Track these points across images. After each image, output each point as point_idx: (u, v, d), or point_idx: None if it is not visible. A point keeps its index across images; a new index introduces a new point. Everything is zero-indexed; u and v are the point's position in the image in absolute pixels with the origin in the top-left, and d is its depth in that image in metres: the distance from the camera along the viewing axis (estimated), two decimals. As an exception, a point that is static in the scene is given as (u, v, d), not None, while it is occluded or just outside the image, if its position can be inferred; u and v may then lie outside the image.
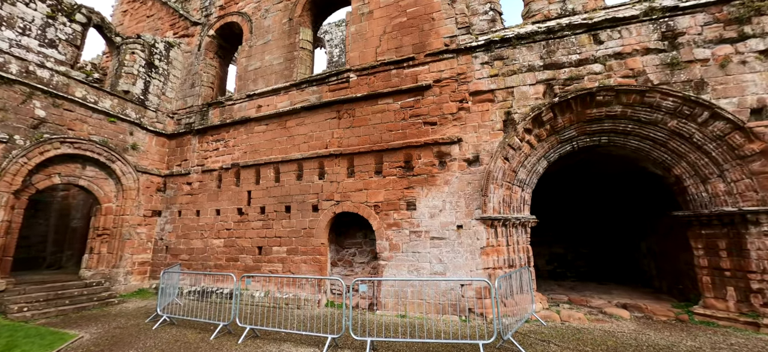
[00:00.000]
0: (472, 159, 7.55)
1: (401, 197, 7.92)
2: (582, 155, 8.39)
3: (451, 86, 8.16)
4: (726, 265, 6.17)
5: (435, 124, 8.07)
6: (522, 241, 7.43)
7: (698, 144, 6.41)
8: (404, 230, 7.69)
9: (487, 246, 7.01)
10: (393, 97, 8.68)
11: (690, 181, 6.65)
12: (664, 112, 6.56)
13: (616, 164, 8.40)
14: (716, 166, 6.30)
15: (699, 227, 6.59)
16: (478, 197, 7.24)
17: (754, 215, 5.80)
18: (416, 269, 7.38)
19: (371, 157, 8.49)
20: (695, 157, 6.49)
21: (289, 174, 9.46)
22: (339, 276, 8.73)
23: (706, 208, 6.44)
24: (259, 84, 10.97)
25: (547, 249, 11.81)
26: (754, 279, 5.83)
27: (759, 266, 5.79)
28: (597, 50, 7.21)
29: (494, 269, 6.93)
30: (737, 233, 6.07)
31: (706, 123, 6.27)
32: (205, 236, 10.32)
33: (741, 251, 6.01)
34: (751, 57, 6.26)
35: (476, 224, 7.15)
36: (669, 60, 6.68)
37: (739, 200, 6.03)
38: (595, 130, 7.21)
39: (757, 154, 5.85)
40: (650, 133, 6.82)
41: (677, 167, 6.77)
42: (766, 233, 5.75)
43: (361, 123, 8.88)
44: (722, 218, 6.19)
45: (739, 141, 5.99)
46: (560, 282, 10.81)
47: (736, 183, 6.08)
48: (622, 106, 6.81)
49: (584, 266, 11.42)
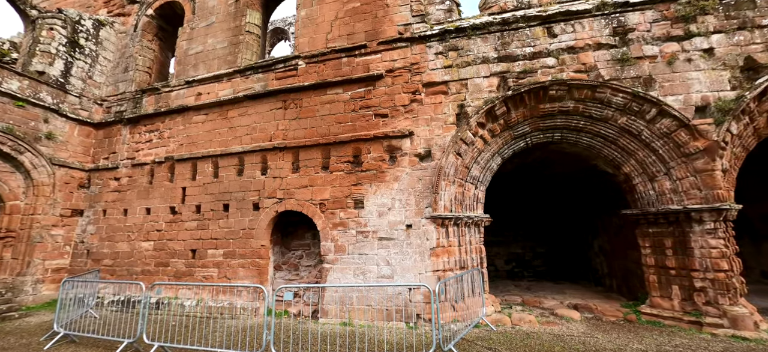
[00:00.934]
0: (424, 154, 7.08)
1: (348, 194, 7.30)
2: (537, 153, 8.20)
3: (404, 77, 7.66)
4: (671, 263, 6.11)
5: (386, 116, 7.53)
6: (475, 241, 7.06)
7: (646, 141, 6.31)
8: (351, 230, 7.07)
9: (437, 247, 6.55)
10: (343, 87, 8.05)
11: (638, 179, 6.55)
12: (615, 109, 6.42)
13: (571, 163, 8.28)
14: (663, 164, 6.22)
15: (646, 225, 6.51)
16: (429, 194, 6.77)
17: (698, 213, 5.74)
18: (363, 272, 6.79)
19: (318, 151, 7.81)
20: (643, 154, 6.40)
21: (228, 169, 8.55)
22: (282, 281, 7.96)
23: (653, 206, 6.36)
24: (200, 70, 9.93)
25: (506, 249, 11.68)
26: (697, 277, 5.78)
27: (702, 264, 5.74)
28: (551, 44, 6.99)
29: (444, 270, 6.49)
30: (682, 232, 6.01)
31: (653, 120, 6.18)
32: (133, 238, 9.14)
33: (685, 250, 5.95)
34: (696, 55, 6.26)
35: (426, 224, 6.68)
36: (620, 56, 6.56)
37: (684, 198, 5.97)
38: (549, 126, 6.98)
39: (700, 152, 5.81)
40: (601, 130, 6.67)
41: (626, 165, 6.66)
42: (709, 232, 5.71)
43: (308, 114, 8.17)
44: (668, 216, 6.12)
45: (684, 138, 5.93)
46: (517, 282, 10.67)
47: (681, 181, 6.02)
48: (574, 101, 6.61)
49: (541, 265, 11.38)
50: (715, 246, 5.63)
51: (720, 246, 5.62)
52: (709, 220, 5.69)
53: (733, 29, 6.23)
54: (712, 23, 6.33)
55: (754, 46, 6.09)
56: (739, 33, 6.19)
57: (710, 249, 5.67)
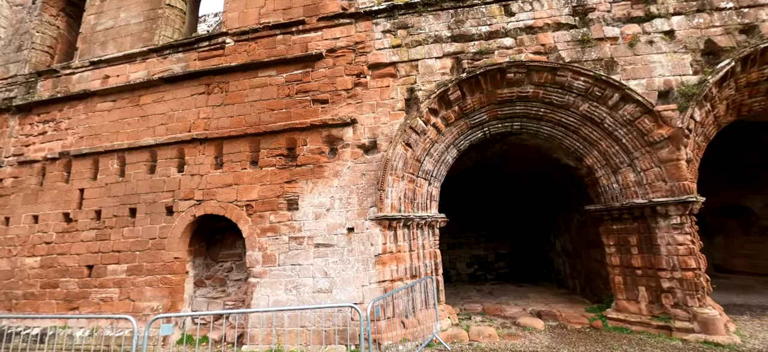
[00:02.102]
0: (369, 145, 6.10)
1: (281, 193, 6.13)
2: (497, 146, 7.53)
3: (347, 57, 6.66)
4: (637, 263, 5.58)
5: (326, 102, 6.48)
6: (428, 244, 6.17)
7: (609, 130, 5.77)
8: (283, 236, 5.91)
9: (383, 253, 5.57)
10: (277, 69, 6.89)
11: (601, 171, 6.01)
12: (576, 94, 5.83)
13: (532, 157, 7.68)
14: (627, 154, 5.71)
15: (610, 221, 5.97)
16: (374, 192, 5.79)
17: (663, 206, 5.23)
18: (296, 286, 5.65)
19: (246, 143, 6.57)
20: (606, 145, 5.86)
21: (138, 165, 7.05)
22: (204, 300, 6.60)
23: (617, 201, 5.83)
24: (109, 49, 8.30)
25: (468, 251, 11.01)
26: (664, 277, 5.27)
27: (669, 262, 5.24)
28: (508, 23, 6.32)
29: (392, 281, 5.52)
30: (647, 228, 5.50)
31: (616, 106, 5.64)
32: (15, 254, 7.31)
33: (652, 247, 5.44)
34: (657, 37, 5.83)
35: (371, 226, 5.68)
36: (580, 37, 6.01)
37: (649, 190, 5.46)
38: (508, 114, 6.28)
39: (665, 140, 5.33)
40: (562, 118, 6.07)
41: (589, 156, 6.10)
42: (676, 227, 5.22)
43: (235, 100, 6.91)
44: (633, 211, 5.59)
45: (648, 126, 5.43)
46: (479, 286, 9.98)
47: (645, 172, 5.51)
48: (533, 86, 5.95)
49: (504, 267, 10.83)
50: (682, 242, 5.14)
51: (687, 242, 5.14)
52: (675, 214, 5.20)
53: (692, 11, 5.88)
54: (671, 4, 5.95)
55: (713, 29, 5.76)
56: (699, 15, 5.84)
57: (677, 246, 5.17)
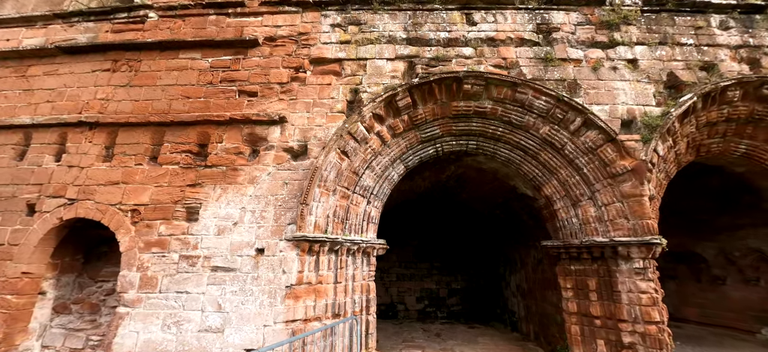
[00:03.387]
0: (298, 149, 5.08)
1: (180, 198, 4.87)
2: (452, 168, 6.78)
3: (288, 48, 5.72)
4: (596, 311, 4.85)
5: (254, 95, 5.43)
6: (361, 276, 5.11)
7: (570, 157, 5.18)
8: (172, 253, 4.60)
9: (298, 284, 4.43)
10: (203, 51, 5.80)
11: (560, 203, 5.37)
12: (536, 115, 5.23)
13: (490, 183, 7.01)
14: (588, 186, 5.11)
15: (568, 261, 5.28)
16: (297, 205, 4.71)
17: (626, 247, 4.60)
18: (177, 321, 4.31)
19: (147, 133, 5.30)
20: (566, 173, 5.25)
21: (4, 150, 5.50)
22: (61, 331, 5.02)
23: (576, 237, 5.16)
24: (6, 7, 6.81)
25: (419, 284, 10.02)
26: (625, 330, 4.55)
27: (631, 312, 4.55)
28: (469, 32, 5.72)
29: (306, 320, 4.36)
30: (608, 271, 4.84)
31: (578, 132, 5.08)
32: None
33: (612, 294, 4.75)
34: (620, 64, 5.46)
35: (287, 248, 4.55)
36: (543, 54, 5.51)
37: (610, 228, 4.84)
38: (463, 130, 5.56)
39: (628, 173, 4.78)
40: (521, 140, 5.43)
41: (548, 186, 5.47)
42: (638, 271, 4.58)
43: (145, 81, 5.67)
44: (592, 250, 4.93)
45: (610, 155, 4.88)
46: (428, 325, 8.96)
47: (607, 207, 4.91)
48: (492, 101, 5.30)
49: (457, 303, 9.92)
50: (645, 290, 4.49)
51: (650, 290, 4.49)
52: (638, 256, 4.57)
53: (655, 43, 5.61)
54: (635, 34, 5.66)
55: (675, 63, 5.49)
56: (661, 47, 5.58)
57: (639, 294, 4.51)
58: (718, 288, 8.21)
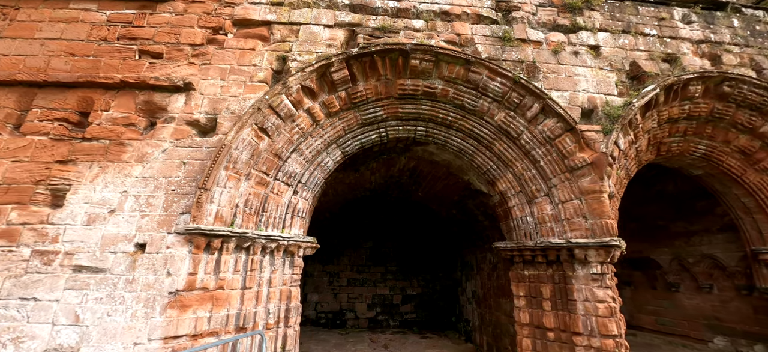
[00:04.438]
0: (205, 124, 4.15)
1: (44, 177, 3.78)
2: (403, 161, 6.06)
3: (207, 6, 4.78)
4: (550, 322, 4.27)
5: (160, 57, 4.44)
6: (280, 280, 4.22)
7: (526, 148, 4.61)
8: (22, 247, 3.51)
9: (188, 289, 3.48)
10: (100, 2, 4.73)
11: (515, 200, 4.78)
12: (492, 99, 4.62)
13: (444, 178, 6.37)
14: (544, 180, 4.56)
15: (522, 265, 4.69)
16: (195, 190, 3.77)
17: (583, 249, 4.06)
18: (16, 339, 3.22)
19: (11, 96, 4.15)
20: (522, 166, 4.68)
21: None
22: None
23: (530, 239, 4.59)
24: None
25: (372, 290, 9.23)
26: (580, 344, 3.99)
27: (586, 324, 3.99)
28: (421, 3, 5.05)
29: (195, 336, 3.42)
30: (564, 276, 4.28)
31: (535, 119, 4.52)
32: None
33: (567, 303, 4.19)
34: (582, 50, 4.99)
35: (176, 244, 3.60)
36: (501, 33, 4.94)
37: (567, 228, 4.29)
38: (411, 113, 4.85)
39: (587, 166, 4.26)
40: (475, 128, 4.80)
41: (502, 180, 4.87)
42: (595, 277, 4.05)
43: (21, 33, 4.51)
44: (548, 253, 4.36)
45: (569, 147, 4.35)
46: (377, 334, 8.18)
47: (564, 205, 4.37)
48: (443, 82, 4.63)
49: (411, 311, 9.21)
50: (603, 299, 3.96)
51: (607, 299, 3.96)
52: (596, 260, 4.04)
53: (618, 31, 5.22)
54: (598, 20, 5.24)
55: (638, 53, 5.11)
56: (624, 36, 5.19)
57: (596, 303, 3.97)
58: (673, 295, 8.06)
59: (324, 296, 8.94)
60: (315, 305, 8.87)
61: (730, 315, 6.90)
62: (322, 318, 8.77)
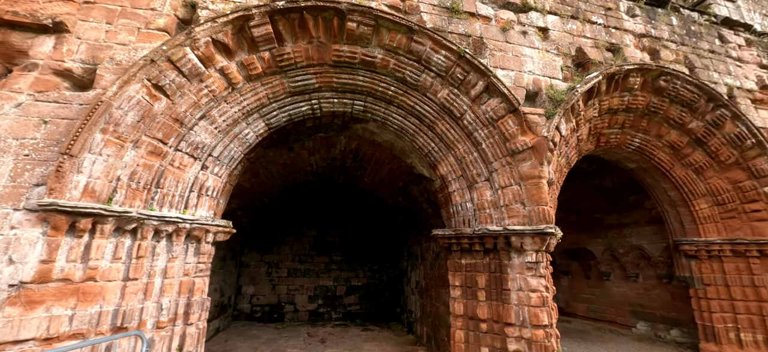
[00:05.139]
0: (80, 75, 3.32)
1: None
2: (343, 141, 5.55)
3: (96, -68, 3.83)
4: (483, 313, 4.05)
5: (24, -13, 3.47)
6: (179, 270, 3.55)
7: (469, 129, 4.31)
8: None
9: (39, 280, 2.72)
10: None
11: (456, 185, 4.49)
12: (435, 74, 4.24)
13: (388, 162, 5.96)
14: (486, 164, 4.30)
15: (460, 253, 4.43)
16: (57, 156, 2.97)
17: (519, 237, 3.86)
18: None
19: None
20: (464, 149, 4.38)
21: None
22: None
23: (469, 226, 4.33)
24: None
25: (315, 281, 8.69)
26: (511, 335, 3.81)
27: (519, 315, 3.81)
28: (364, -38, 4.50)
29: (51, 339, 2.68)
30: (500, 265, 4.07)
31: (479, 98, 4.23)
32: None
33: (501, 293, 3.99)
34: (531, 30, 4.77)
35: (26, 223, 2.80)
36: (449, 4, 4.55)
37: (505, 215, 4.08)
38: (347, 84, 4.33)
39: (528, 150, 4.05)
40: (417, 105, 4.41)
41: (444, 163, 4.55)
42: (530, 266, 3.87)
43: None
44: (485, 240, 4.12)
45: (511, 129, 4.11)
46: (318, 328, 7.69)
47: (503, 191, 4.14)
48: (383, 50, 4.16)
49: (356, 302, 8.83)
50: (536, 288, 3.79)
51: (541, 288, 3.80)
52: (532, 249, 3.86)
53: (567, 15, 5.08)
54: (549, 2, 5.08)
55: (584, 40, 5.01)
56: (573, 21, 5.07)
57: (529, 292, 3.80)
58: (604, 284, 8.46)
59: (261, 288, 8.25)
60: (250, 298, 8.15)
61: (651, 302, 7.33)
62: (258, 312, 8.09)
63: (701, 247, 5.62)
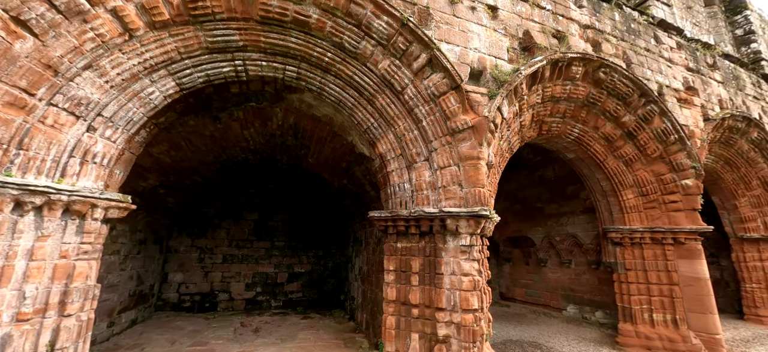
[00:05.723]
0: None
1: None
2: (279, 112, 5.05)
3: None
4: (415, 298, 3.88)
5: None
6: (54, 251, 2.91)
7: (410, 105, 4.05)
8: None
9: None
10: None
11: (395, 164, 4.23)
12: (376, 42, 3.90)
13: (330, 140, 5.55)
14: (426, 143, 4.08)
15: (396, 237, 4.21)
16: None
17: (455, 219, 3.70)
18: None
19: None
20: (404, 126, 4.12)
21: None
22: None
23: (406, 207, 4.10)
24: None
25: (254, 267, 8.12)
26: (441, 320, 3.68)
27: (450, 299, 3.69)
28: None
29: None
30: (435, 249, 3.91)
31: (422, 72, 3.97)
32: None
33: (434, 277, 3.83)
34: (480, 6, 4.57)
35: None
36: (395, -31, 4.19)
37: (442, 196, 3.90)
38: (278, 46, 3.84)
39: (468, 130, 3.88)
40: (356, 75, 4.05)
41: (383, 141, 4.26)
42: (464, 250, 3.74)
43: None
44: (421, 223, 3.93)
45: (453, 107, 3.91)
46: (254, 317, 7.20)
47: (442, 171, 3.96)
48: (319, 10, 3.71)
49: (298, 289, 8.41)
50: (468, 272, 3.68)
51: (473, 272, 3.69)
52: (466, 232, 3.72)
53: (516, -3, 4.96)
54: (498, -19, 4.90)
55: (532, 23, 4.94)
56: (522, 3, 4.97)
57: (462, 276, 3.68)
58: (541, 270, 8.85)
59: (191, 276, 7.51)
60: (178, 287, 7.40)
61: (581, 286, 7.78)
62: (187, 301, 7.38)
63: (625, 234, 5.95)
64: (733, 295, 8.77)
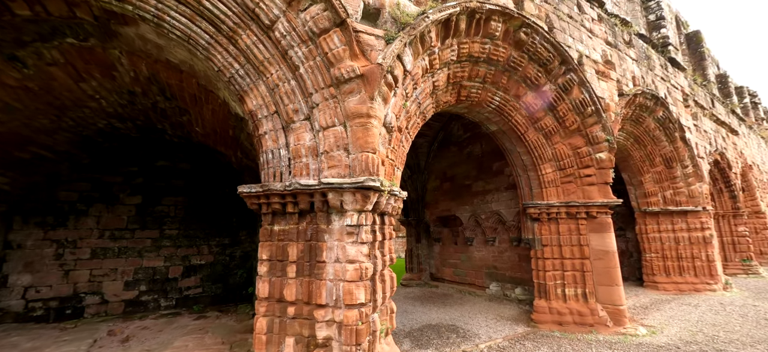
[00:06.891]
0: None
1: None
2: (113, 49, 3.75)
3: None
4: (292, 294, 3.06)
5: None
6: None
7: (283, 46, 3.10)
8: None
9: None
10: None
11: (269, 124, 3.30)
12: (233, -45, 2.86)
13: (203, 98, 4.40)
14: (305, 97, 3.19)
15: (271, 218, 3.32)
16: None
17: (338, 193, 2.91)
18: None
19: None
20: (278, 75, 3.18)
21: None
22: None
23: (281, 179, 3.22)
24: None
25: (136, 261, 6.67)
26: (321, 319, 2.91)
27: (332, 293, 2.93)
28: None
29: None
30: (317, 232, 3.09)
31: (297, 2, 3.03)
32: None
33: (315, 266, 3.03)
34: (381, -66, 3.71)
35: None
36: None
37: (325, 164, 3.07)
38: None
39: (357, 80, 3.06)
40: None
41: (253, 95, 3.28)
42: (351, 232, 2.97)
43: None
44: (299, 199, 3.08)
45: (337, 49, 3.05)
46: (131, 322, 5.87)
47: (325, 132, 3.12)
48: None
49: (197, 285, 7.15)
50: (354, 259, 2.93)
51: (360, 259, 2.96)
52: (353, 209, 2.96)
53: (428, -67, 4.19)
54: None
55: (445, -33, 4.23)
56: (434, -59, 4.21)
57: (346, 264, 2.92)
58: (468, 249, 8.65)
59: (44, 277, 5.87)
60: (24, 291, 5.73)
61: (503, 264, 7.67)
62: (39, 309, 5.76)
63: (543, 210, 5.75)
64: (636, 264, 9.43)
